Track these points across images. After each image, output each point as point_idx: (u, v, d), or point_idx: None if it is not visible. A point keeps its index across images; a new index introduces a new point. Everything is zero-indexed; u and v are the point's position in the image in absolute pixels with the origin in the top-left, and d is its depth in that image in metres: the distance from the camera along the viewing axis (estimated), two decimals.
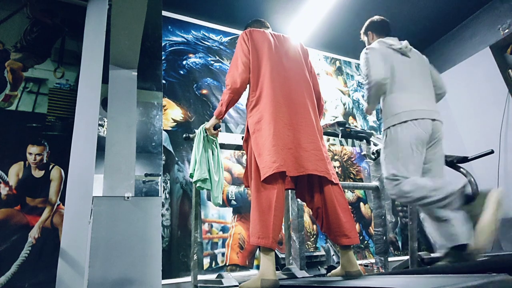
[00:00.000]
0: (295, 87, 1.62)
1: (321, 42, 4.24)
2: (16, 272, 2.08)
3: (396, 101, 1.79)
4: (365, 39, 2.14)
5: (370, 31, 2.09)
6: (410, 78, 1.82)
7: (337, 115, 4.13)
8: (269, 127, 1.47)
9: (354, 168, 3.87)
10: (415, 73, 1.85)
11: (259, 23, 1.90)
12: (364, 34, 2.15)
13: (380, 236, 2.40)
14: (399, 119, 1.75)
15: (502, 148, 3.53)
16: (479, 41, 3.92)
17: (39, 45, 2.71)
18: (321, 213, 1.51)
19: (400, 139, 1.73)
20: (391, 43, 1.90)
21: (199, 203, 2.10)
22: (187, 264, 2.44)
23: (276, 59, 1.65)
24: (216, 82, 3.37)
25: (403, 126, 1.73)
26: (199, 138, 1.92)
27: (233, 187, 2.97)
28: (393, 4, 3.63)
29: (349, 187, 3.14)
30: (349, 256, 1.45)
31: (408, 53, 1.90)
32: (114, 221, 1.91)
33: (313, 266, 2.45)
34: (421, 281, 0.98)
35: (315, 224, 3.22)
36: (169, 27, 3.39)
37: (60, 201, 2.34)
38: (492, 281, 0.74)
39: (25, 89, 2.55)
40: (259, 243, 1.35)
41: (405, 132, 1.72)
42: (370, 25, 2.10)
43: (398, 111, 1.76)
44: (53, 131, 2.52)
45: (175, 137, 2.88)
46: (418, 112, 1.73)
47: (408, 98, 1.77)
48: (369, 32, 2.09)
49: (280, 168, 1.39)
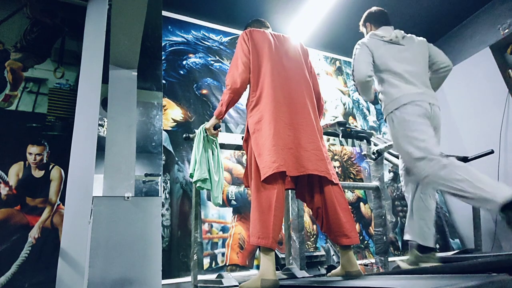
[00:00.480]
0: (295, 87, 1.62)
1: (321, 42, 4.24)
2: (16, 272, 2.08)
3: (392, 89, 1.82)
4: (364, 30, 2.16)
5: (368, 22, 2.11)
6: (405, 66, 1.84)
7: (337, 115, 4.13)
8: (269, 127, 1.47)
9: (354, 168, 3.87)
10: (410, 61, 1.87)
11: (259, 23, 1.90)
12: (363, 25, 2.17)
13: (380, 236, 2.40)
14: (399, 103, 1.77)
15: (502, 148, 3.53)
16: (479, 41, 3.92)
17: (39, 45, 2.71)
18: (321, 213, 1.51)
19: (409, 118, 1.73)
20: (383, 34, 1.93)
21: (199, 203, 2.10)
22: (187, 264, 2.44)
23: (276, 59, 1.65)
24: (216, 82, 3.37)
25: (407, 107, 1.74)
26: (199, 138, 1.92)
27: (233, 187, 2.97)
28: (393, 4, 3.63)
29: (349, 187, 3.14)
30: (349, 256, 1.45)
31: (401, 42, 1.92)
32: (114, 221, 1.91)
33: (313, 266, 2.45)
34: (421, 281, 0.98)
35: (315, 224, 3.22)
36: (169, 27, 3.39)
37: (60, 201, 2.34)
38: (492, 281, 0.74)
39: (25, 89, 2.55)
40: (259, 243, 1.34)
41: (409, 110, 1.73)
42: (368, 16, 2.13)
43: (397, 95, 1.79)
44: (53, 131, 2.52)
45: (175, 137, 2.88)
46: (416, 95, 1.76)
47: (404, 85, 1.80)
48: (367, 24, 2.12)
49: (280, 168, 1.39)
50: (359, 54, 1.89)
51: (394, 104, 1.79)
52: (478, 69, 3.87)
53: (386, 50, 1.89)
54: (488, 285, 0.73)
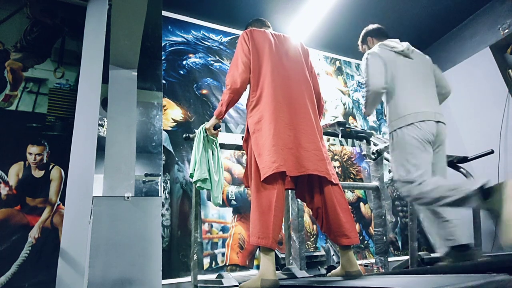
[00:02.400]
0: (295, 87, 1.62)
1: (321, 42, 4.24)
2: (16, 272, 2.08)
3: (400, 103, 1.79)
4: (365, 47, 2.12)
5: (369, 36, 2.09)
6: (414, 80, 1.82)
7: (337, 115, 4.13)
8: (270, 127, 1.47)
9: (354, 168, 3.87)
10: (418, 75, 1.85)
11: (260, 23, 1.90)
12: (363, 42, 2.13)
13: (380, 236, 2.40)
14: (405, 122, 1.75)
15: (502, 148, 3.53)
16: (479, 41, 3.91)
17: (39, 45, 2.71)
18: (321, 213, 1.51)
19: (408, 140, 1.72)
20: (393, 45, 1.89)
21: (199, 203, 2.10)
22: (187, 264, 2.44)
23: (276, 59, 1.65)
24: (216, 82, 3.37)
25: (409, 128, 1.73)
26: (199, 138, 1.92)
27: (233, 187, 2.97)
28: (392, 5, 3.63)
29: (349, 187, 3.14)
30: (349, 256, 1.45)
31: (411, 55, 1.89)
32: (114, 221, 1.91)
33: (313, 266, 2.45)
34: (421, 281, 0.98)
35: (315, 224, 3.22)
36: (169, 27, 3.39)
37: (60, 201, 2.34)
38: (492, 281, 0.74)
39: (25, 89, 2.55)
40: (259, 243, 1.34)
41: (412, 133, 1.72)
42: (368, 32, 2.10)
43: (404, 113, 1.76)
44: (53, 131, 2.52)
45: (175, 137, 2.88)
46: (422, 114, 1.73)
47: (413, 101, 1.77)
48: (369, 38, 2.09)
49: (280, 168, 1.39)
50: (372, 64, 1.83)
51: (400, 122, 1.77)
52: (478, 69, 3.86)
53: (398, 62, 1.85)
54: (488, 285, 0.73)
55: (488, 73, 3.76)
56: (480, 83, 3.84)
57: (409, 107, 1.76)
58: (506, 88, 3.59)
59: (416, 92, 1.79)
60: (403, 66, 1.84)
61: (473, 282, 0.74)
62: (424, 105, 1.76)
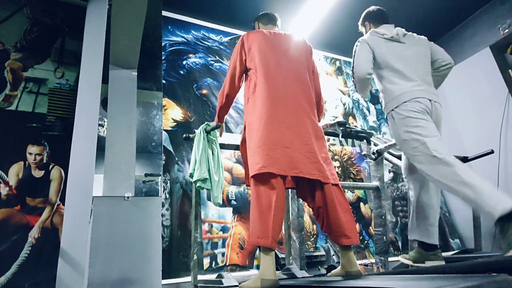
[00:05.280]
0: (293, 87, 1.62)
1: (321, 42, 4.23)
2: (16, 272, 2.08)
3: (393, 87, 1.82)
4: (363, 29, 2.16)
5: (367, 21, 2.12)
6: (405, 64, 1.84)
7: (337, 115, 4.13)
8: (258, 129, 1.50)
9: (354, 168, 3.87)
10: (410, 58, 1.86)
11: (267, 18, 1.93)
12: (362, 25, 2.16)
13: (380, 236, 2.39)
14: (399, 101, 1.77)
15: (502, 148, 3.53)
16: (479, 41, 3.91)
17: (39, 45, 2.71)
18: (322, 212, 1.51)
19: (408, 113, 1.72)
20: (383, 32, 1.92)
21: (199, 203, 2.10)
22: (187, 264, 2.44)
23: (274, 60, 1.65)
24: (216, 82, 3.37)
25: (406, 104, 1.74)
26: (199, 138, 1.92)
27: (233, 187, 2.97)
28: (392, 5, 3.63)
29: (349, 187, 3.14)
30: (349, 256, 1.45)
31: (402, 39, 1.91)
32: (114, 221, 1.91)
33: (313, 266, 2.45)
34: (421, 281, 0.98)
35: (315, 224, 3.22)
36: (169, 27, 3.38)
37: (60, 201, 2.34)
38: (492, 281, 0.74)
39: (25, 89, 2.55)
40: (259, 243, 1.34)
41: (410, 107, 1.73)
42: (367, 15, 2.13)
43: (397, 93, 1.79)
44: (53, 131, 2.52)
45: (175, 137, 2.88)
46: (416, 91, 1.75)
47: (405, 83, 1.79)
48: (367, 23, 2.12)
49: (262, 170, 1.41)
50: (359, 51, 1.88)
51: (395, 102, 1.79)
52: (478, 69, 3.86)
53: (387, 48, 1.88)
54: (488, 285, 0.73)
55: (488, 73, 3.75)
56: (480, 83, 3.84)
57: (403, 87, 1.78)
58: (506, 88, 3.59)
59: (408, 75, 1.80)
60: (393, 52, 1.87)
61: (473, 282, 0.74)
62: (417, 86, 1.77)
